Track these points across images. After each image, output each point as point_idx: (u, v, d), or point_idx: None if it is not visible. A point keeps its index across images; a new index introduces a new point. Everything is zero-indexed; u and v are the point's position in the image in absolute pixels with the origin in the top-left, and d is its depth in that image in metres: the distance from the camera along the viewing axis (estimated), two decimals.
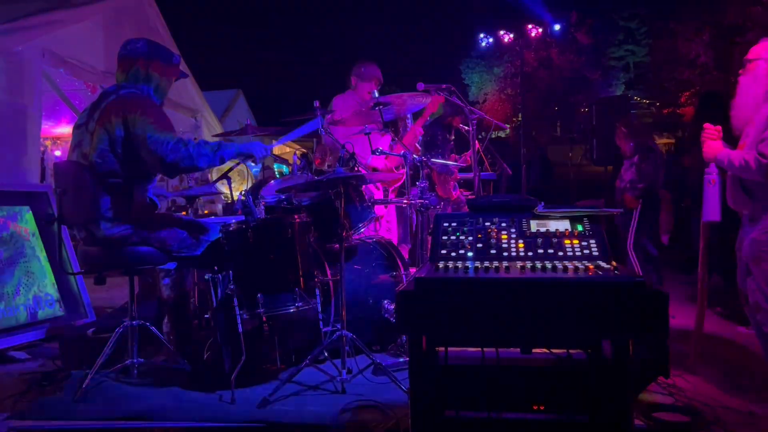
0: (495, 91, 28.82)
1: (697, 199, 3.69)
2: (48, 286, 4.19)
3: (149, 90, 3.00)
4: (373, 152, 3.55)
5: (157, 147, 2.75)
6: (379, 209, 4.44)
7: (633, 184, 4.80)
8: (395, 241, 4.48)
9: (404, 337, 3.29)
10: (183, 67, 3.26)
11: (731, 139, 2.90)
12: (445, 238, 2.06)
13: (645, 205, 4.66)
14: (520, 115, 21.86)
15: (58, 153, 8.53)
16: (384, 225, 4.55)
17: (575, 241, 1.99)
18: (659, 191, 4.82)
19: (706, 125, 2.91)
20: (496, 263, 1.86)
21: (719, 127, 2.88)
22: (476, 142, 3.88)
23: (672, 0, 22.80)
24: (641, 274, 4.50)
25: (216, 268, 2.95)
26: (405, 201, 3.55)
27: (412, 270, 3.76)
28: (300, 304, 2.92)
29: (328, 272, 3.30)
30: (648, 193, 4.71)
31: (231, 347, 2.91)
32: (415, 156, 3.43)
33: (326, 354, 3.06)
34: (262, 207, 3.36)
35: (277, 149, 14.35)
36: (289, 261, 2.92)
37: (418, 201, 3.26)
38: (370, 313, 3.42)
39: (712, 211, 3.01)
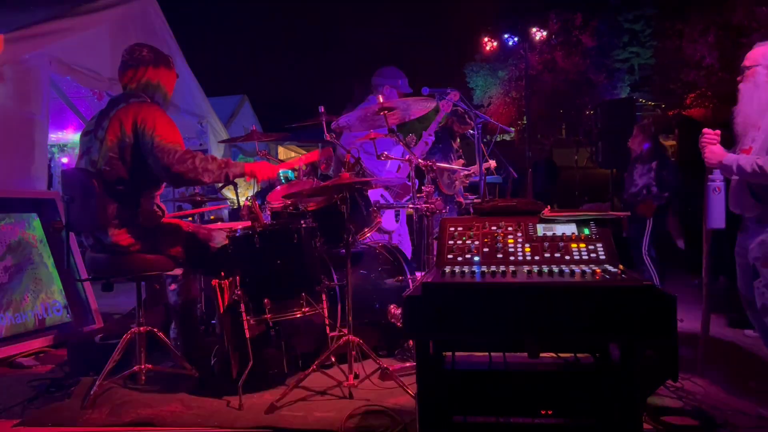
0: (499, 95, 28.76)
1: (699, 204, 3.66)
2: (56, 292, 4.21)
3: (157, 97, 3.02)
4: (378, 157, 3.55)
5: (164, 156, 2.76)
6: (389, 224, 4.42)
7: (649, 190, 4.76)
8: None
9: (411, 342, 3.29)
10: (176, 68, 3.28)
11: (730, 143, 2.88)
12: (451, 242, 2.06)
13: (659, 212, 4.66)
14: (525, 118, 21.85)
15: (65, 160, 8.59)
16: (395, 239, 4.53)
17: (582, 245, 1.99)
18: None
19: (705, 130, 2.86)
20: (502, 268, 1.86)
21: (718, 132, 2.85)
22: (482, 146, 3.89)
23: (677, 0, 22.73)
24: (656, 279, 4.55)
25: (223, 273, 2.96)
26: (410, 206, 3.54)
27: (419, 274, 3.77)
28: (306, 309, 2.92)
29: (335, 277, 3.31)
30: (671, 201, 4.71)
31: (238, 353, 2.92)
32: (419, 160, 3.42)
33: (333, 359, 3.06)
34: (269, 212, 3.37)
35: (283, 154, 14.37)
36: (295, 266, 2.93)
37: (423, 205, 3.25)
38: (377, 317, 3.42)
39: (717, 218, 2.99)
